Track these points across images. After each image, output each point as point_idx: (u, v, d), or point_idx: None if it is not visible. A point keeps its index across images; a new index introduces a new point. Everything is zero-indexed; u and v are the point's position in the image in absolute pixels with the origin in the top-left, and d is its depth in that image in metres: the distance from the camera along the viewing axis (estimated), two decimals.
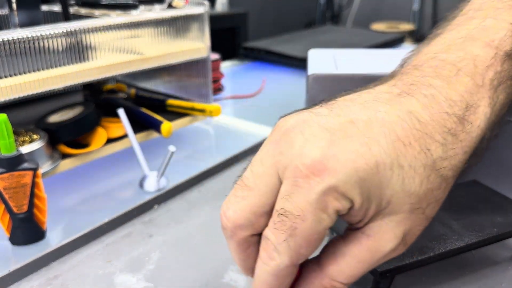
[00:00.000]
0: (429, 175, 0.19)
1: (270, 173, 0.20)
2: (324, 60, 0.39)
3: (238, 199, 0.20)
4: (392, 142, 0.19)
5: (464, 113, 0.20)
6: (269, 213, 0.20)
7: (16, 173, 0.33)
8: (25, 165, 0.33)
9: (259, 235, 0.21)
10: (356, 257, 0.20)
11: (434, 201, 0.20)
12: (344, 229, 0.21)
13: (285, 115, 0.21)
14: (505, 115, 0.22)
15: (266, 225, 0.20)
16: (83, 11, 0.53)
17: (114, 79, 0.66)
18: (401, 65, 0.23)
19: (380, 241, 0.20)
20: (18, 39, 0.39)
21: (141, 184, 0.43)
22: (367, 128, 0.19)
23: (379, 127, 0.19)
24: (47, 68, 0.42)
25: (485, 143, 0.21)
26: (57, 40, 0.42)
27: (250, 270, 0.22)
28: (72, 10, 0.54)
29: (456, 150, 0.20)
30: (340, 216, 0.20)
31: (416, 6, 2.05)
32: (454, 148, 0.20)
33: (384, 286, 0.26)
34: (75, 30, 0.43)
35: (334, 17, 2.24)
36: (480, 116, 0.20)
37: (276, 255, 0.19)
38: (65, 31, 0.42)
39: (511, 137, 0.35)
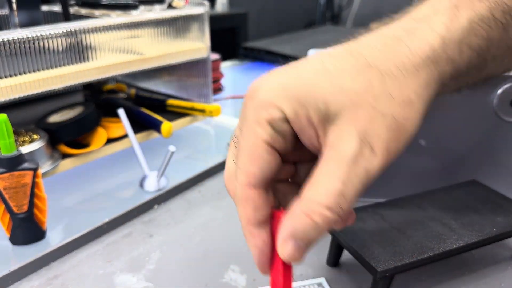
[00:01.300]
0: (362, 71, 0.19)
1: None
2: None
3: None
4: (321, 61, 0.20)
5: (415, 25, 0.21)
6: None
7: (16, 173, 0.33)
8: (25, 165, 0.33)
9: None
10: (326, 173, 0.19)
11: (383, 96, 0.19)
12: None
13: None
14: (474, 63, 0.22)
15: None
16: (83, 11, 0.53)
17: (114, 79, 0.66)
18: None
19: (339, 147, 0.19)
20: (18, 39, 0.39)
21: (141, 184, 0.43)
22: (302, 66, 0.21)
23: (322, 62, 0.20)
24: (47, 68, 0.42)
25: (457, 72, 0.21)
26: (57, 40, 0.42)
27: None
28: (72, 10, 0.54)
29: (397, 48, 0.20)
30: (299, 139, 0.20)
31: None
32: (394, 45, 0.20)
33: (383, 286, 0.26)
34: (75, 30, 0.43)
35: (334, 17, 2.24)
36: (436, 23, 0.21)
37: (235, 179, 0.21)
38: (65, 31, 0.42)
39: (510, 137, 0.35)
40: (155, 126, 0.50)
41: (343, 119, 0.19)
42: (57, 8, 0.57)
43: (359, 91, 0.19)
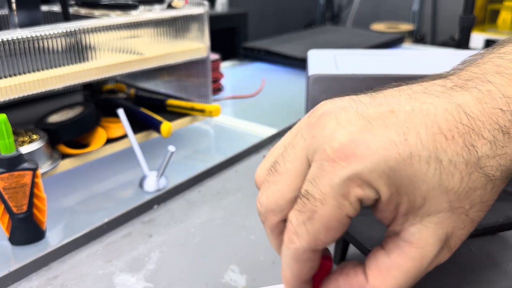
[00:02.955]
0: (471, 173, 0.18)
1: (300, 157, 0.19)
2: (324, 61, 0.39)
3: (270, 184, 0.20)
4: (433, 134, 0.17)
5: None
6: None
7: (16, 173, 0.33)
8: (25, 165, 0.33)
9: None
10: (401, 269, 0.19)
11: (478, 202, 0.19)
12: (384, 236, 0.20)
13: (326, 99, 0.20)
14: None
15: None
16: (83, 11, 0.53)
17: (113, 79, 0.66)
18: (462, 63, 0.21)
19: (423, 248, 0.18)
20: (18, 39, 0.39)
21: (141, 184, 0.43)
22: (408, 119, 0.18)
23: (421, 119, 0.18)
24: (47, 68, 0.42)
25: None
26: (57, 40, 0.42)
27: None
28: (72, 10, 0.54)
29: (507, 150, 0.18)
30: (372, 210, 0.19)
31: (415, 6, 2.05)
32: (504, 147, 0.18)
33: None
34: (75, 30, 0.43)
35: (334, 17, 2.24)
36: None
37: (295, 238, 0.19)
38: (65, 31, 0.42)
39: None
40: (155, 126, 0.50)
41: (434, 219, 0.18)
42: (56, 8, 0.57)
43: (461, 195, 0.18)
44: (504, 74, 0.19)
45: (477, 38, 1.38)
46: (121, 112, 0.47)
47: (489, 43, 1.36)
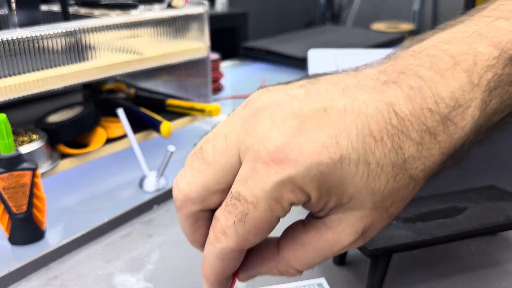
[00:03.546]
0: (396, 174, 0.18)
1: (232, 152, 0.19)
2: (324, 60, 0.39)
3: (194, 172, 0.19)
4: (363, 136, 0.18)
5: (450, 112, 0.18)
6: (223, 191, 0.19)
7: (15, 173, 0.33)
8: (24, 165, 0.33)
9: (208, 211, 0.20)
10: (314, 247, 0.20)
11: (399, 200, 0.19)
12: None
13: (260, 89, 0.20)
14: (497, 122, 0.21)
15: (217, 203, 0.19)
16: (83, 11, 0.53)
17: (113, 79, 0.65)
18: (402, 47, 0.21)
19: (340, 234, 0.19)
20: (17, 39, 0.39)
21: (140, 184, 0.43)
22: (340, 118, 0.18)
23: (353, 118, 0.18)
24: (47, 68, 0.41)
25: (467, 147, 0.20)
26: (56, 40, 0.42)
27: (197, 243, 0.22)
28: (71, 10, 0.54)
29: (432, 151, 0.18)
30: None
31: (416, 6, 2.05)
32: (430, 148, 0.18)
33: (379, 268, 0.27)
34: (74, 30, 0.43)
35: (334, 17, 2.23)
36: (467, 118, 0.19)
37: (223, 238, 0.19)
38: (64, 31, 0.42)
39: None
40: (155, 126, 0.50)
41: (356, 214, 0.19)
42: (56, 7, 0.57)
43: (385, 195, 0.19)
44: (437, 68, 0.19)
45: None
46: (120, 112, 0.47)
47: None
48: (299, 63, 0.82)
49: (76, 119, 0.45)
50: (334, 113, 0.18)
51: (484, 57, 0.20)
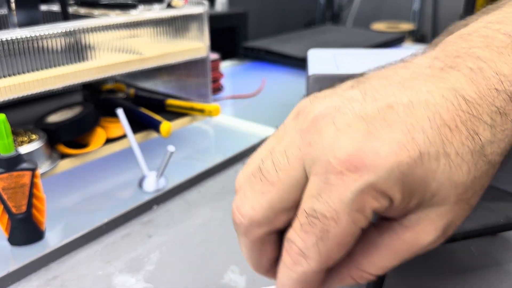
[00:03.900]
0: (477, 162, 0.17)
1: (296, 167, 0.17)
2: (324, 60, 0.39)
3: (257, 194, 0.18)
4: (438, 127, 0.16)
5: None
6: (290, 210, 0.18)
7: (15, 173, 0.33)
8: (24, 165, 0.33)
9: (275, 233, 0.19)
10: (391, 249, 0.18)
11: (479, 189, 0.18)
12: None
13: (308, 97, 0.19)
14: None
15: (285, 223, 0.18)
16: (82, 10, 0.53)
17: (113, 79, 0.65)
18: (446, 33, 0.20)
19: (419, 234, 0.18)
20: (17, 39, 0.39)
21: (140, 184, 0.43)
22: (409, 113, 0.17)
23: (422, 111, 0.17)
24: (46, 68, 0.41)
25: None
26: (56, 40, 0.42)
27: (263, 268, 0.20)
28: (71, 9, 0.53)
29: (506, 132, 0.17)
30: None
31: (416, 6, 2.05)
32: (504, 130, 0.17)
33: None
34: (74, 30, 0.43)
35: (334, 17, 2.23)
36: None
37: (303, 260, 0.17)
38: (64, 31, 0.42)
39: None
40: (154, 126, 0.50)
41: (438, 210, 0.18)
42: (56, 7, 0.57)
43: (468, 186, 0.17)
44: (493, 47, 0.18)
45: None
46: (120, 112, 0.47)
47: None
48: (299, 63, 0.82)
49: (75, 119, 0.45)
50: (401, 108, 0.17)
51: None
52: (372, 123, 0.17)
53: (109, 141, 0.47)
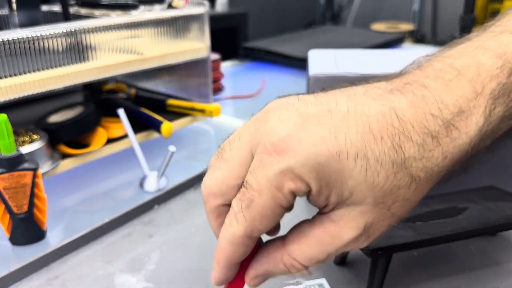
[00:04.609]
0: (397, 172, 0.19)
1: (245, 148, 0.21)
2: (324, 61, 0.39)
3: (215, 169, 0.21)
4: (363, 133, 0.19)
5: (453, 118, 0.19)
6: (240, 186, 0.21)
7: (16, 173, 0.33)
8: (25, 165, 0.33)
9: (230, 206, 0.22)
10: (317, 240, 0.20)
11: (401, 200, 0.20)
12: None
13: (278, 97, 0.22)
14: (504, 129, 0.22)
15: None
16: (83, 11, 0.53)
17: (114, 79, 0.66)
18: (412, 63, 0.23)
19: (342, 228, 0.20)
20: (18, 39, 0.39)
21: (141, 184, 0.43)
22: (342, 118, 0.19)
23: (354, 119, 0.19)
24: (47, 68, 0.42)
25: (474, 154, 0.21)
26: (57, 40, 0.42)
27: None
28: (72, 10, 0.54)
29: (434, 153, 0.19)
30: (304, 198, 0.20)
31: (416, 6, 2.05)
32: (432, 150, 0.19)
33: (380, 267, 0.27)
34: (75, 30, 0.43)
35: (334, 17, 2.24)
36: (471, 124, 0.20)
37: (234, 222, 0.20)
38: (65, 31, 0.42)
39: None
40: (155, 126, 0.50)
41: (358, 209, 0.20)
42: (57, 8, 0.57)
43: (386, 192, 0.19)
44: (442, 79, 0.20)
45: None
46: (121, 112, 0.47)
47: None
48: (299, 63, 0.82)
49: (76, 119, 0.45)
50: (337, 114, 0.19)
51: (488, 67, 0.20)
52: (307, 120, 0.19)
53: (110, 141, 0.47)
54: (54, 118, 0.47)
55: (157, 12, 0.51)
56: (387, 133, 0.19)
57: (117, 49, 0.47)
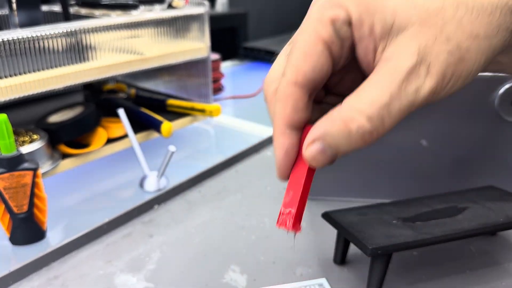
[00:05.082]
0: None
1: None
2: None
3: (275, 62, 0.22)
4: None
5: None
6: None
7: (16, 173, 0.33)
8: (25, 165, 0.33)
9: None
10: (376, 84, 0.18)
11: (455, 23, 0.18)
12: None
13: None
14: None
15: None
16: (83, 11, 0.53)
17: (114, 79, 0.66)
18: None
19: (396, 60, 0.18)
20: (18, 39, 0.39)
21: (141, 184, 0.43)
22: None
23: None
24: (47, 68, 0.42)
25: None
26: (57, 40, 0.42)
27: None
28: (72, 10, 0.54)
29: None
30: (355, 59, 0.19)
31: None
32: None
33: (380, 267, 0.27)
34: (75, 30, 0.43)
35: None
36: None
37: (283, 77, 0.20)
38: (65, 31, 0.42)
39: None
40: (155, 126, 0.50)
41: (406, 34, 0.18)
42: (57, 8, 0.57)
43: (430, 10, 0.18)
44: None
45: None
46: (121, 112, 0.47)
47: None
48: None
49: (77, 119, 0.45)
50: None
51: None
52: None
53: (110, 141, 0.47)
54: (54, 118, 0.47)
55: (157, 12, 0.51)
56: None
57: (117, 49, 0.47)
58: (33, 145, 0.41)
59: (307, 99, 0.20)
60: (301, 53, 0.19)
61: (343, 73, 0.22)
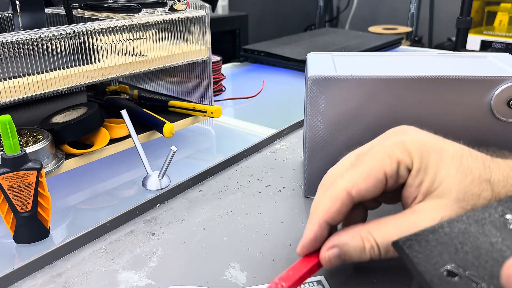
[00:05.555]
0: (481, 182, 0.23)
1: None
2: (323, 63, 0.40)
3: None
4: (462, 148, 0.24)
5: None
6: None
7: (20, 172, 0.33)
8: (29, 164, 0.34)
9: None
10: (396, 224, 0.23)
11: (482, 200, 0.23)
12: None
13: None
14: None
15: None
16: (87, 13, 0.54)
17: (117, 80, 0.66)
18: None
19: (420, 217, 0.23)
20: (22, 40, 0.40)
21: (143, 183, 0.44)
22: (450, 144, 0.25)
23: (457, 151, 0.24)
24: (51, 69, 0.42)
25: None
26: (61, 42, 0.42)
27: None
28: (75, 12, 0.54)
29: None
30: (400, 195, 0.24)
31: (413, 8, 2.06)
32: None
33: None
34: (78, 32, 0.43)
35: (333, 20, 2.25)
36: None
37: (339, 180, 0.24)
38: (68, 33, 0.43)
39: (507, 137, 0.36)
40: (157, 126, 0.50)
41: (440, 202, 0.23)
42: (60, 10, 0.57)
43: (468, 193, 0.23)
44: None
45: (474, 40, 1.39)
46: (124, 112, 0.47)
47: (485, 45, 1.37)
48: (298, 65, 0.83)
49: (80, 119, 0.46)
50: (448, 145, 0.25)
51: None
52: (436, 138, 0.26)
53: (113, 141, 0.48)
54: (58, 119, 0.47)
55: (159, 15, 0.52)
56: (481, 157, 0.24)
57: (120, 51, 0.47)
58: (37, 145, 0.41)
59: (349, 209, 0.24)
60: (365, 172, 0.24)
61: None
